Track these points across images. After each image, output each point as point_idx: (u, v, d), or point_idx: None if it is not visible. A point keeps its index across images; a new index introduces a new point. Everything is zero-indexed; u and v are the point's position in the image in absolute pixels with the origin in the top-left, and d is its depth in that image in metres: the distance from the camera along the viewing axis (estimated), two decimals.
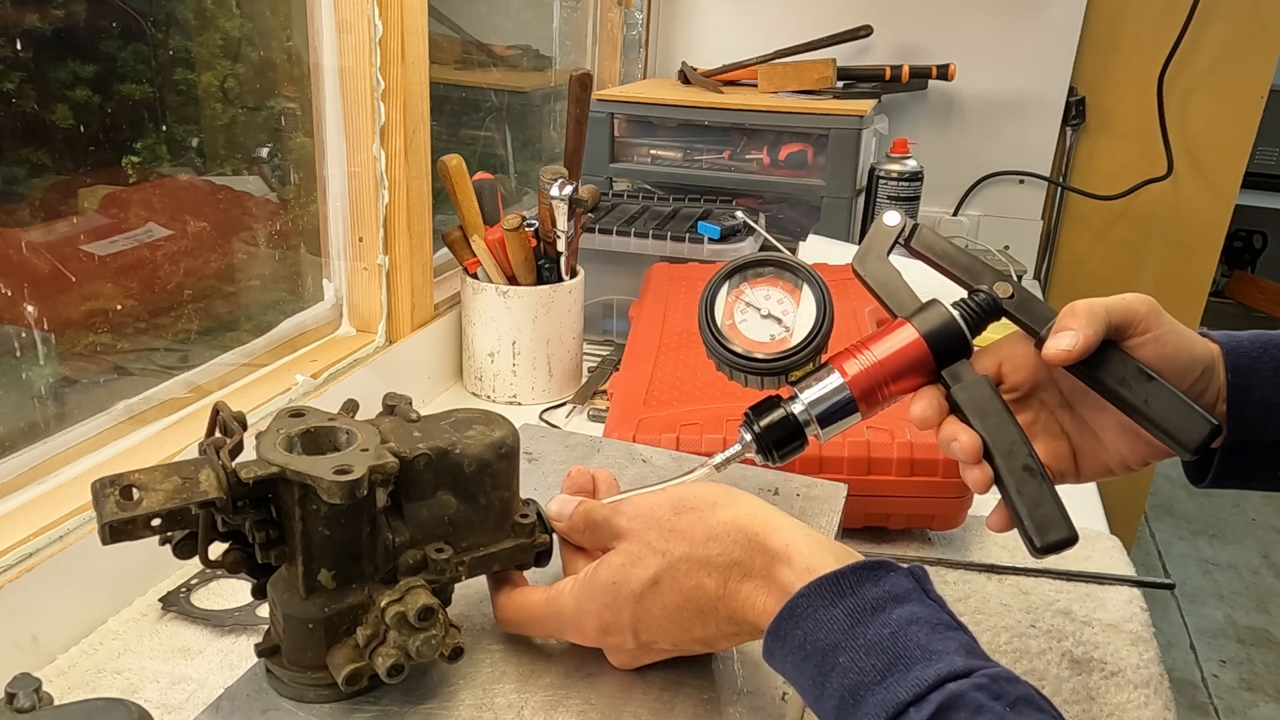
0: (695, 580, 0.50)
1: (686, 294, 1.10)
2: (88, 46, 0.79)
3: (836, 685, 0.43)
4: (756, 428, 0.59)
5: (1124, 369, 0.56)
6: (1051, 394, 0.62)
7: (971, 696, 0.40)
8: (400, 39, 0.96)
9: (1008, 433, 0.55)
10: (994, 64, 1.71)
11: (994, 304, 0.58)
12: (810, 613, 0.45)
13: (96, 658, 0.67)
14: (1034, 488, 0.54)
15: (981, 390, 0.57)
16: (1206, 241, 1.79)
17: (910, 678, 0.41)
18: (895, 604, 0.44)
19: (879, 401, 0.58)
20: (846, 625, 0.44)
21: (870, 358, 0.58)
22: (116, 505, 0.44)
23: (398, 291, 1.06)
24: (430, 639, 0.48)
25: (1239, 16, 1.64)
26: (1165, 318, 0.58)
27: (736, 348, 0.60)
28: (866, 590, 0.45)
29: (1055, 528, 0.53)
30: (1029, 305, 0.59)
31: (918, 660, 0.42)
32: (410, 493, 0.51)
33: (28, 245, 0.76)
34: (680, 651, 0.53)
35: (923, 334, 0.57)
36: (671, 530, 0.51)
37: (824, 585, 0.45)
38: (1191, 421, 0.54)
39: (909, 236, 0.62)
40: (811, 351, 0.59)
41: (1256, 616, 2.62)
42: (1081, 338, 0.55)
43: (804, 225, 1.49)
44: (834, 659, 0.43)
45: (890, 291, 0.60)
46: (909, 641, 0.43)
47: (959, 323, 0.58)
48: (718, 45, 1.81)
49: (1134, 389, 0.55)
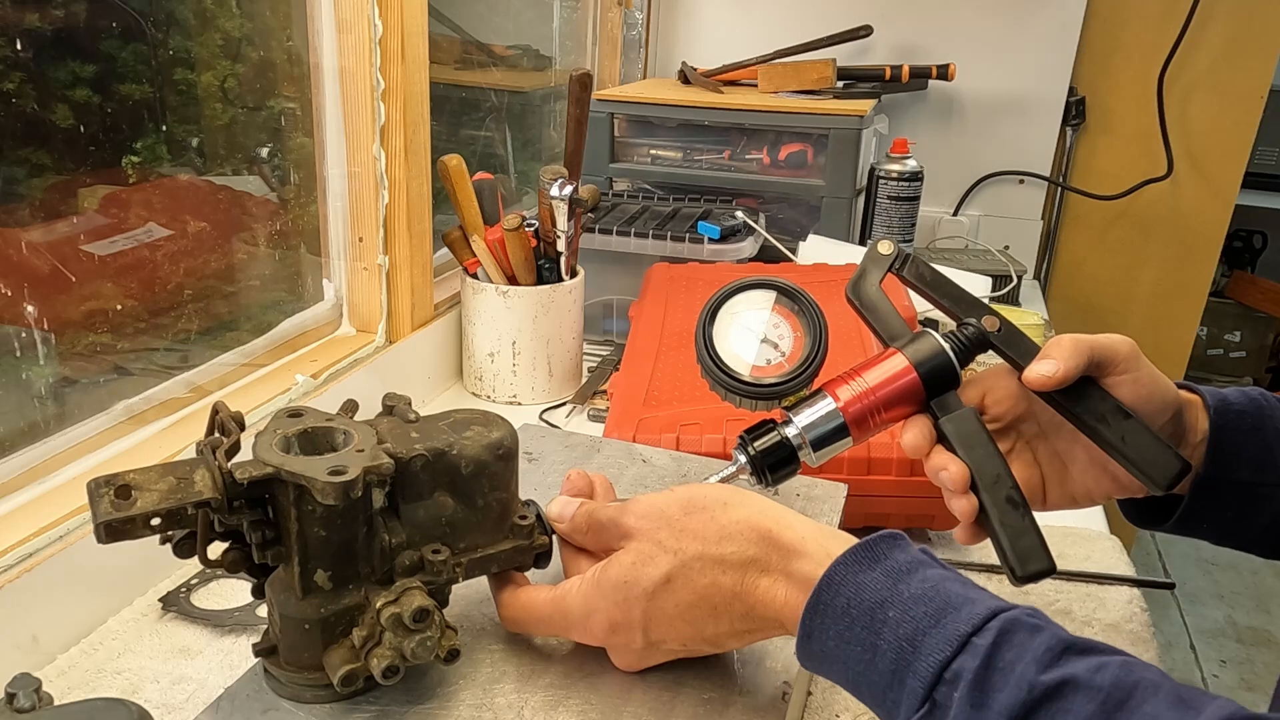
0: (710, 578, 0.50)
1: (686, 294, 1.10)
2: (88, 46, 0.79)
3: (891, 638, 0.44)
4: (751, 450, 0.61)
5: (1103, 405, 0.58)
6: (1029, 426, 0.65)
7: (1025, 620, 0.42)
8: (400, 39, 0.96)
9: (993, 465, 0.58)
10: (994, 64, 1.71)
11: (983, 337, 0.61)
12: (850, 578, 0.46)
13: (96, 658, 0.67)
14: (1016, 519, 0.56)
15: (969, 423, 0.59)
16: (1206, 241, 1.79)
17: (964, 614, 0.43)
18: (925, 566, 0.46)
19: (870, 428, 0.60)
20: (889, 584, 0.45)
21: (862, 384, 0.60)
22: (111, 505, 0.44)
23: (398, 291, 1.06)
24: (426, 640, 0.48)
25: (1239, 16, 1.64)
26: (1144, 360, 0.61)
27: (733, 371, 0.61)
28: (897, 555, 0.47)
29: (1035, 559, 0.56)
30: (1015, 340, 0.61)
31: (965, 602, 0.44)
32: (407, 493, 0.51)
33: (28, 245, 0.76)
34: (687, 652, 0.53)
35: (914, 364, 0.59)
36: (683, 530, 0.51)
37: (858, 553, 0.47)
38: (1165, 459, 0.57)
39: (901, 265, 0.64)
40: (806, 378, 0.61)
41: (1256, 616, 2.62)
42: (1062, 367, 0.58)
43: (804, 225, 1.49)
44: (883, 615, 0.44)
45: (882, 319, 0.62)
46: (950, 591, 0.44)
47: (949, 355, 0.60)
48: (718, 45, 1.81)
49: (1111, 425, 0.58)
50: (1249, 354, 3.44)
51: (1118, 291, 1.83)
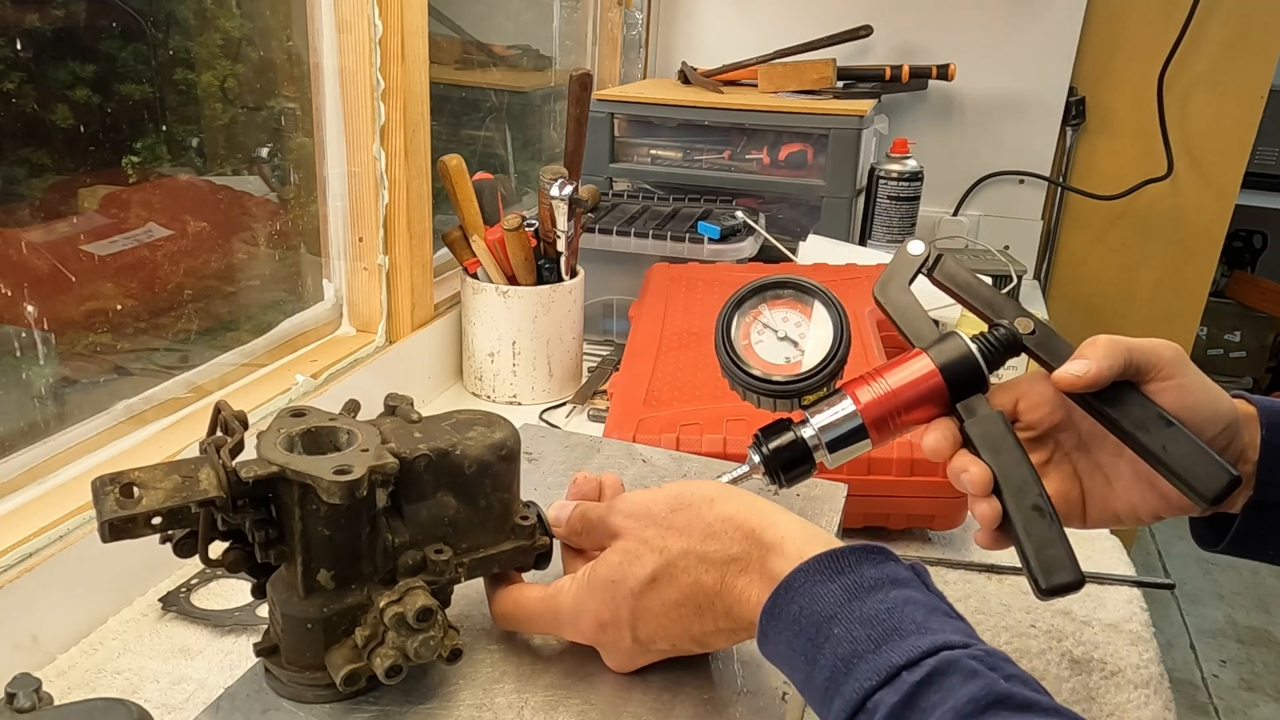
0: (693, 577, 0.49)
1: (686, 294, 1.10)
2: (88, 46, 0.79)
3: (829, 655, 0.42)
4: (765, 449, 0.59)
5: (1144, 413, 0.55)
6: (1069, 436, 0.61)
7: (966, 663, 0.40)
8: (400, 39, 0.96)
9: (1019, 471, 0.55)
10: (994, 64, 1.71)
11: (1014, 339, 0.58)
12: (806, 588, 0.45)
13: (96, 658, 0.67)
14: (1042, 528, 0.53)
15: (995, 426, 0.56)
16: (1206, 241, 1.79)
17: (905, 645, 0.41)
18: (893, 586, 0.44)
19: (891, 430, 0.58)
20: (843, 599, 0.44)
21: (884, 386, 0.57)
22: (116, 503, 0.44)
23: (398, 291, 1.06)
24: (428, 640, 0.48)
25: (1239, 16, 1.64)
26: (1192, 367, 0.56)
27: (753, 370, 0.60)
28: (865, 570, 0.45)
29: (1061, 570, 0.52)
30: (1050, 342, 0.58)
31: (912, 632, 0.42)
32: (410, 493, 0.51)
33: (28, 245, 0.76)
34: (676, 651, 0.53)
35: (939, 366, 0.57)
36: (669, 527, 0.51)
37: (822, 562, 0.45)
38: (1211, 470, 0.53)
39: (932, 266, 0.61)
40: (827, 376, 0.59)
41: (1256, 616, 2.62)
42: (1095, 367, 0.54)
43: (804, 225, 1.49)
44: (828, 630, 0.43)
45: (910, 321, 0.60)
46: (905, 618, 0.42)
47: (976, 357, 0.57)
48: (718, 45, 1.81)
49: (1152, 433, 0.54)
50: (1249, 354, 3.44)
51: (1118, 291, 1.83)
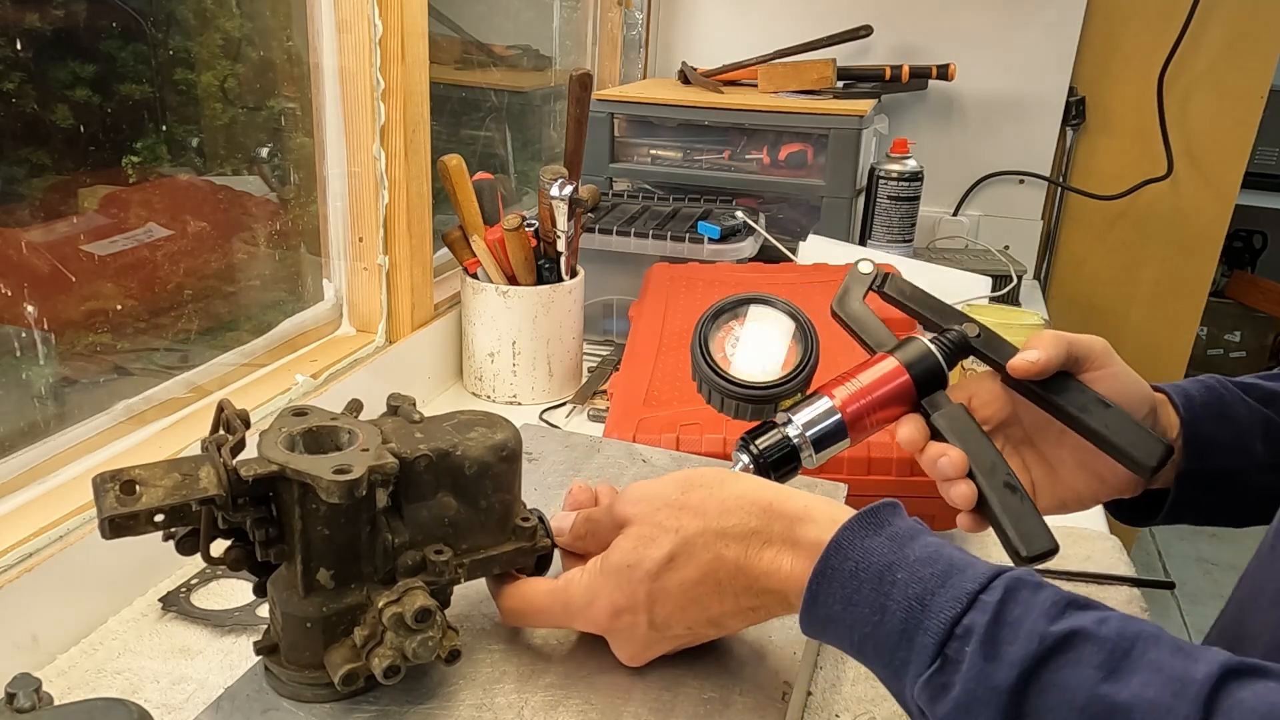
0: (714, 553, 0.50)
1: (686, 294, 1.10)
2: (88, 46, 0.79)
3: (900, 598, 0.44)
4: (754, 449, 0.62)
5: (1084, 398, 0.61)
6: (1015, 429, 0.67)
7: (1029, 579, 0.44)
8: (400, 39, 0.96)
9: (988, 453, 0.60)
10: (994, 64, 1.71)
11: (965, 341, 0.64)
12: (858, 543, 0.47)
13: (96, 658, 0.67)
14: (1016, 503, 0.58)
15: (960, 416, 0.62)
16: (1206, 241, 1.79)
17: (969, 574, 0.44)
18: (924, 533, 0.48)
19: (865, 429, 0.63)
20: (894, 548, 0.46)
21: (857, 385, 0.62)
22: (116, 500, 0.44)
23: (398, 291, 1.06)
24: (427, 641, 0.48)
25: (1239, 16, 1.64)
26: (1117, 358, 0.64)
27: (729, 376, 0.63)
28: (899, 522, 0.48)
29: (1039, 539, 0.57)
30: (994, 343, 0.64)
31: (969, 564, 0.45)
32: (410, 494, 0.51)
33: (28, 245, 0.76)
34: (690, 636, 0.53)
35: (905, 364, 0.62)
36: (682, 508, 0.51)
37: (863, 519, 0.48)
38: (1149, 444, 0.60)
39: (881, 283, 0.67)
40: (803, 379, 0.63)
41: None
42: (1044, 356, 0.61)
43: (804, 225, 1.49)
44: (891, 576, 0.45)
45: (868, 330, 0.66)
46: (952, 555, 0.46)
47: (937, 356, 0.63)
48: (718, 45, 1.81)
49: (1094, 415, 0.61)
50: (1249, 354, 3.44)
51: (1118, 291, 1.83)
